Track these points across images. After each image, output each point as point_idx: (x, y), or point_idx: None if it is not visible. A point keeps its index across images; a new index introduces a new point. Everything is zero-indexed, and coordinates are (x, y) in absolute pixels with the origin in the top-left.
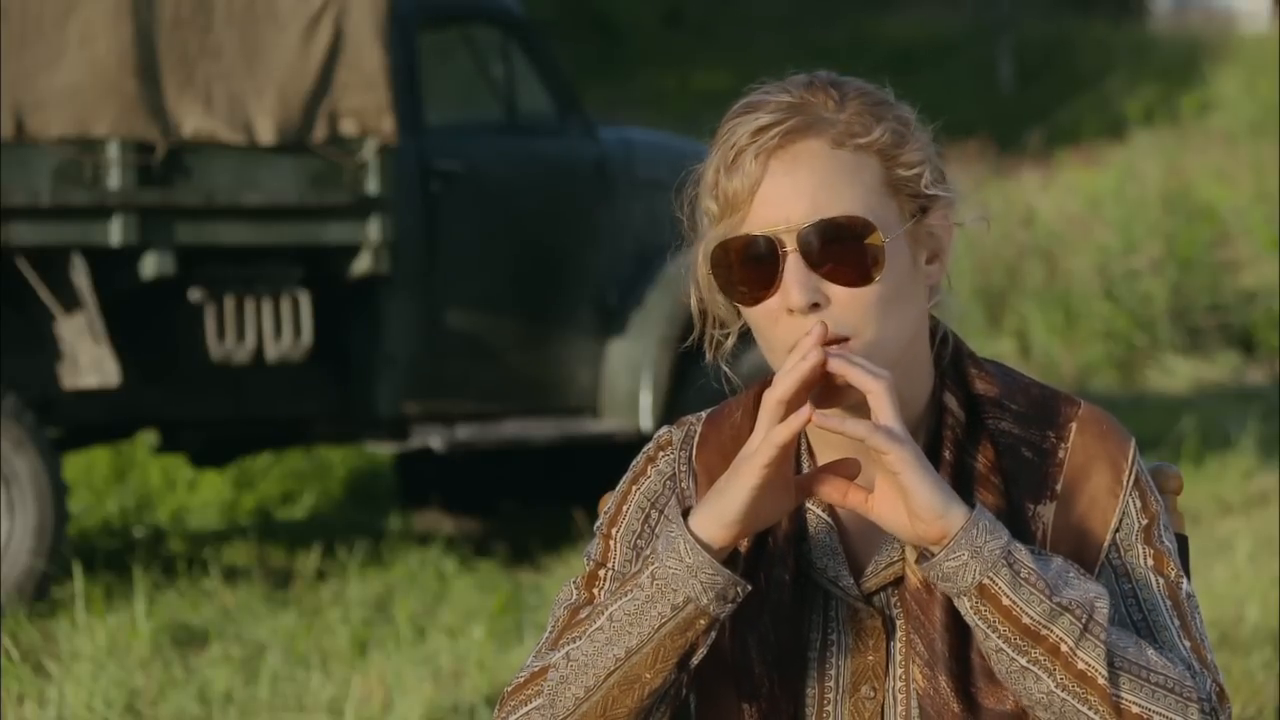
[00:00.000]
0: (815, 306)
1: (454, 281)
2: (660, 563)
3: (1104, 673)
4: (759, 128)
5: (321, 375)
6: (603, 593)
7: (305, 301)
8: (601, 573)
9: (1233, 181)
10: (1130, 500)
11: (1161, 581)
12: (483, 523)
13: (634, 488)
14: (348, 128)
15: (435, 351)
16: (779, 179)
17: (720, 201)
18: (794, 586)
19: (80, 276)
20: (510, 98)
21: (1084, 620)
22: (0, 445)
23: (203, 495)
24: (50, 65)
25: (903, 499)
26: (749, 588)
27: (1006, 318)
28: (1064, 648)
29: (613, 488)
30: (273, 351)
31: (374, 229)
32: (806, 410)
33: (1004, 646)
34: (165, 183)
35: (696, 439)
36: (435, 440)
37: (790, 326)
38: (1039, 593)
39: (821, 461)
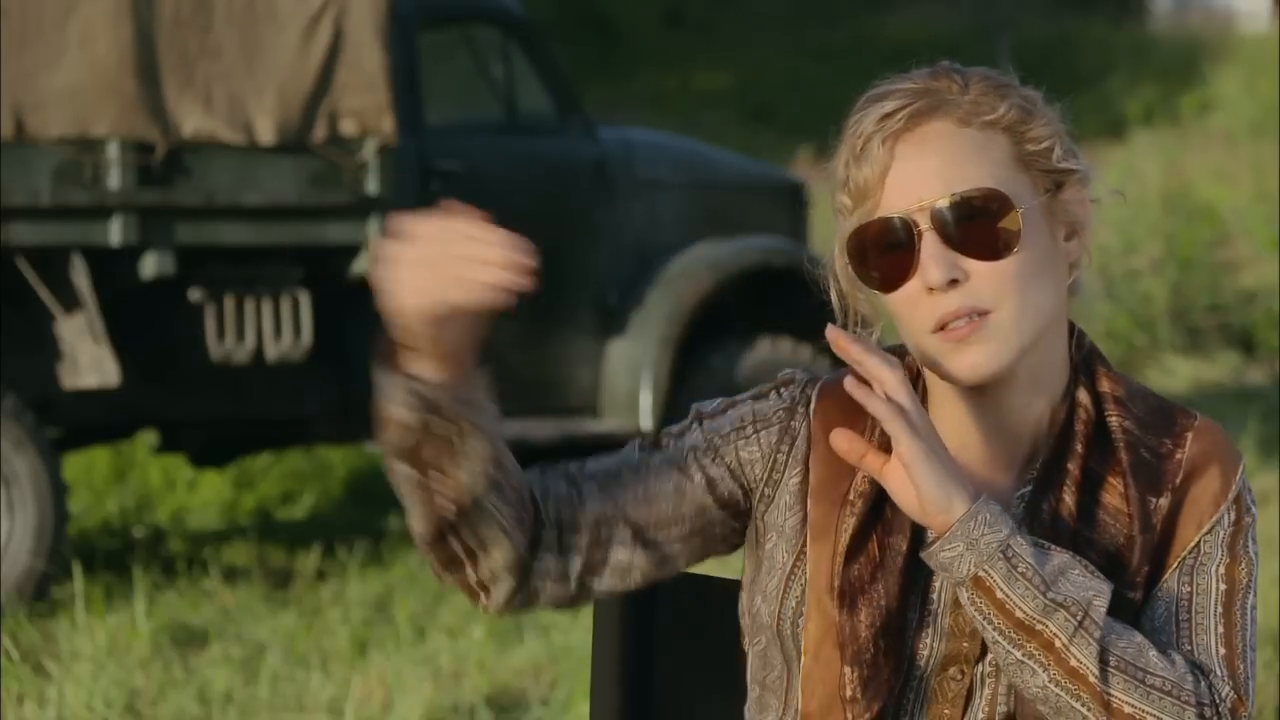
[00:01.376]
0: (954, 283)
1: None
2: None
3: (1095, 671)
4: (884, 114)
5: (321, 375)
6: (656, 453)
7: (305, 301)
8: (668, 441)
9: (1233, 181)
10: (1228, 511)
11: (1222, 589)
12: None
13: (748, 401)
14: (348, 128)
15: None
16: (908, 161)
17: (852, 192)
18: (908, 557)
19: (80, 276)
20: (510, 98)
21: (1079, 617)
22: (0, 445)
23: (203, 495)
24: (50, 65)
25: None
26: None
27: None
28: (1058, 644)
29: None
30: (273, 351)
31: (374, 229)
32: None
33: (999, 639)
34: (165, 183)
35: (817, 391)
36: None
37: (931, 306)
38: (1034, 588)
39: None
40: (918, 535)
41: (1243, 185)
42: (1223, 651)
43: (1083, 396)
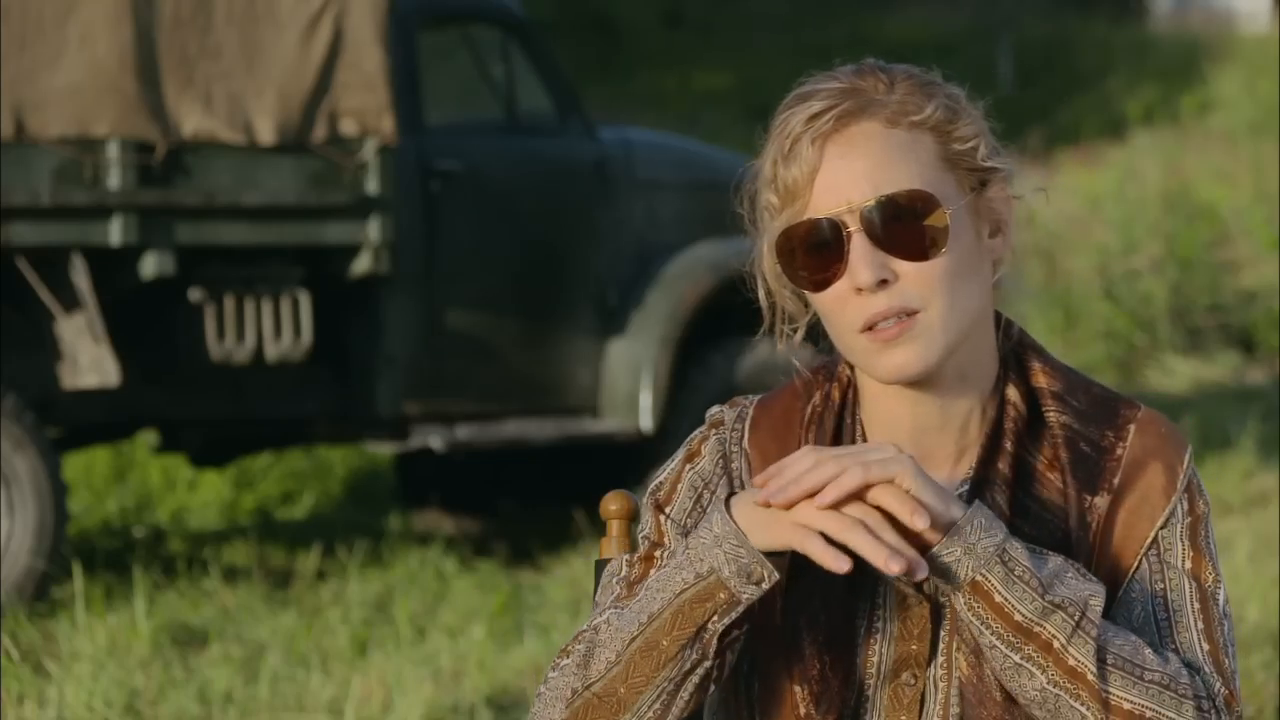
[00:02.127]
0: (884, 283)
1: (454, 281)
2: (696, 535)
3: (1094, 669)
4: (813, 114)
5: (321, 375)
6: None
7: (305, 301)
8: (658, 553)
9: (1233, 181)
10: (1180, 501)
11: (1194, 585)
12: (483, 523)
13: (687, 467)
14: (348, 128)
15: (435, 351)
16: (836, 162)
17: (780, 192)
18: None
19: (80, 276)
20: (510, 98)
21: (1076, 618)
22: (0, 445)
23: (203, 495)
24: (50, 65)
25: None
26: (776, 576)
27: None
28: (1056, 644)
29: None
30: (273, 351)
31: (374, 229)
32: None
33: (997, 643)
34: (165, 183)
35: (749, 420)
36: (435, 440)
37: (859, 306)
38: (1032, 590)
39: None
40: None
41: (1243, 185)
42: (1206, 647)
43: (1012, 393)
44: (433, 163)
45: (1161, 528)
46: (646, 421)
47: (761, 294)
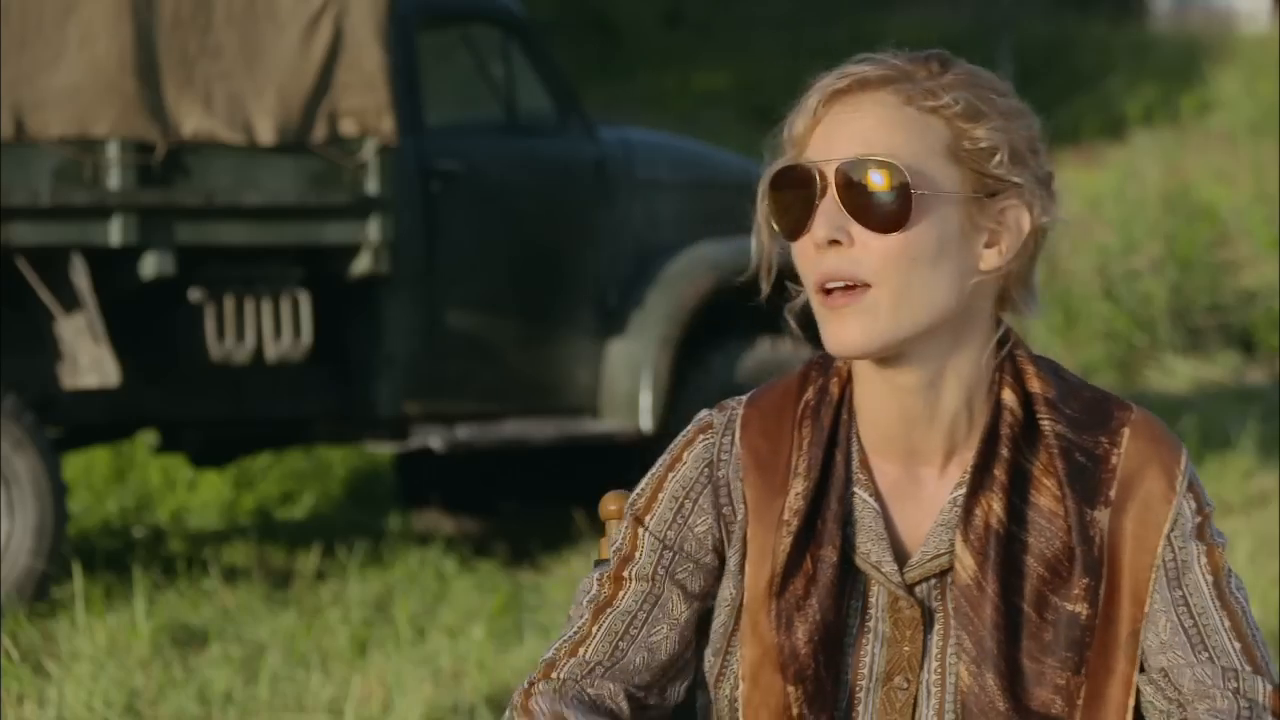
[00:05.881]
0: (836, 244)
1: (454, 281)
2: None
3: None
4: (835, 76)
5: (321, 375)
6: (625, 597)
7: (305, 301)
8: (626, 571)
9: (1233, 181)
10: (1185, 501)
11: (1211, 581)
12: (483, 523)
13: (670, 475)
14: (348, 128)
15: (435, 351)
16: (838, 117)
17: (785, 142)
18: (839, 568)
19: (80, 276)
20: (510, 98)
21: None
22: (0, 445)
23: (203, 495)
24: (50, 65)
25: None
26: None
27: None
28: None
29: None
30: (273, 351)
31: (374, 229)
32: None
33: None
34: (165, 183)
35: (739, 422)
36: (435, 440)
37: (815, 262)
38: None
39: (875, 461)
40: (847, 544)
41: (1243, 185)
42: (1238, 645)
43: (1008, 398)
44: (433, 163)
45: (1171, 530)
46: (646, 422)
47: (754, 243)
